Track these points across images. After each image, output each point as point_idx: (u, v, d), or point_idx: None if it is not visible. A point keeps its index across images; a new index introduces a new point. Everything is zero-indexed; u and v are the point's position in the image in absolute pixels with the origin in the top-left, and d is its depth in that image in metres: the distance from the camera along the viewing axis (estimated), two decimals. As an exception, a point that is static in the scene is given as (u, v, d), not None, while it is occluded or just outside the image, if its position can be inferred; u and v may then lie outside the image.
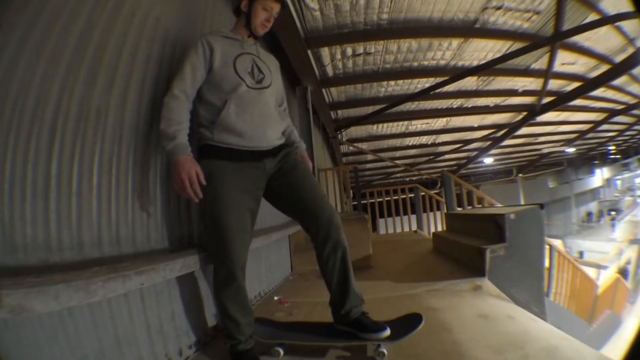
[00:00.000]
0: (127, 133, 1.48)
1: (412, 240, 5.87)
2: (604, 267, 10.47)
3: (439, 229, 6.55)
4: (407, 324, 1.66)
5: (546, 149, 15.22)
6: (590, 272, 6.68)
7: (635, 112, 12.28)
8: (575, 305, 5.37)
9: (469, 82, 7.14)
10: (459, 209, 5.63)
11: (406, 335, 1.59)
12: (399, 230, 7.80)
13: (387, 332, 1.57)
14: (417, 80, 6.78)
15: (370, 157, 11.15)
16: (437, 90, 6.61)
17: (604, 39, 6.56)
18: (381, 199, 8.30)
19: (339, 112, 7.86)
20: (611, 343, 7.44)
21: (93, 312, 1.20)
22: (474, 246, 2.95)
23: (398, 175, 14.49)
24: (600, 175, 24.13)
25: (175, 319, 1.67)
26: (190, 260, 1.57)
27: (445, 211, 6.08)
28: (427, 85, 6.73)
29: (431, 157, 12.52)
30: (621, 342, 7.53)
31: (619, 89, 9.09)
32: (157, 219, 1.64)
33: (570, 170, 22.45)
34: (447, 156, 12.60)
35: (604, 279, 7.71)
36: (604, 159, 24.32)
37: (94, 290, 1.03)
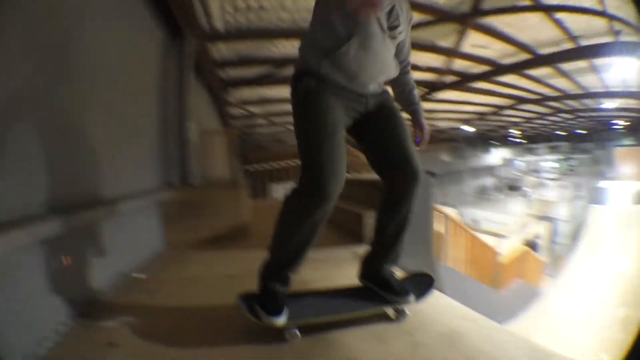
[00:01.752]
0: None
1: None
2: (504, 237, 11.22)
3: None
4: (420, 283, 1.69)
5: (443, 125, 16.04)
6: (489, 240, 7.16)
7: (553, 104, 13.50)
8: (477, 272, 5.81)
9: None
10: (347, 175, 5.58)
11: (424, 296, 1.63)
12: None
13: (412, 296, 1.59)
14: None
15: (263, 121, 10.69)
16: None
17: (533, 29, 6.69)
18: (276, 164, 8.04)
19: (229, 71, 7.21)
20: (530, 313, 7.96)
21: None
22: (355, 212, 2.85)
23: (293, 141, 14.23)
24: (498, 155, 26.74)
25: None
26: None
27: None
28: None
29: None
30: (544, 313, 8.33)
31: (536, 79, 9.60)
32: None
33: (467, 147, 24.30)
34: None
35: (508, 249, 8.39)
36: (504, 141, 27.21)
37: None
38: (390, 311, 1.66)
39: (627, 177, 19.24)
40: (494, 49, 7.55)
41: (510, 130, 22.70)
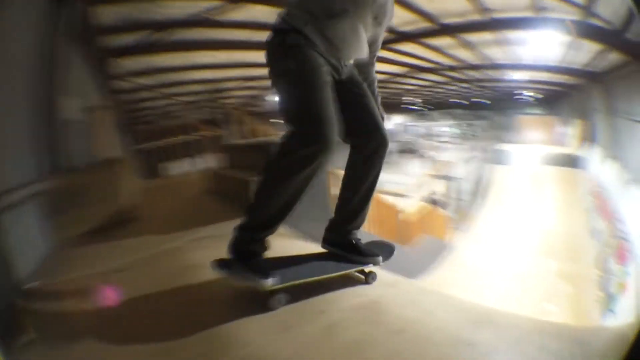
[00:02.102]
0: None
1: (194, 181, 5.32)
2: (404, 196, 11.40)
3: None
4: (382, 248, 1.77)
5: None
6: (389, 199, 7.26)
7: (449, 73, 13.77)
8: (381, 231, 5.99)
9: (261, 13, 6.76)
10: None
11: (389, 258, 1.73)
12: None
13: (380, 258, 1.67)
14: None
15: (151, 94, 9.79)
16: (224, 18, 6.03)
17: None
18: (169, 141, 7.51)
19: (115, 38, 6.43)
20: (444, 266, 7.90)
21: None
22: (242, 179, 2.61)
23: (185, 113, 13.10)
24: (394, 120, 27.54)
25: None
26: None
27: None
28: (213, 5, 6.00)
29: (218, 93, 11.71)
30: (460, 265, 8.54)
31: (435, 48, 9.55)
32: None
33: None
34: (236, 93, 12.06)
35: (410, 206, 8.53)
36: (398, 108, 27.96)
37: None
38: (357, 275, 1.72)
39: (534, 141, 21.29)
40: (395, 16, 7.57)
41: (407, 98, 23.51)
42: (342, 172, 1.77)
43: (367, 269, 1.69)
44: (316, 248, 1.90)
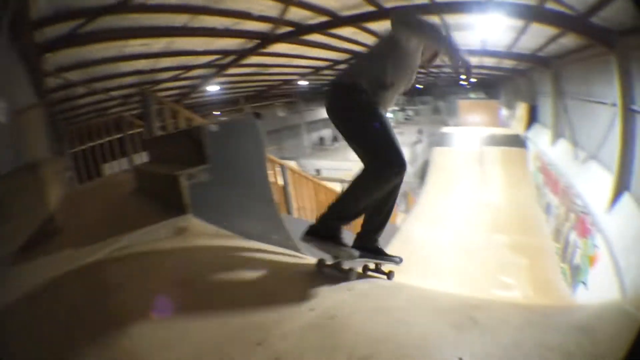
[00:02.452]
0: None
1: (122, 181, 4.49)
2: (348, 182, 11.14)
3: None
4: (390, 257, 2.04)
5: (278, 80, 15.13)
6: (335, 187, 7.06)
7: None
8: None
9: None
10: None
11: (400, 264, 2.03)
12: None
13: (398, 259, 2.06)
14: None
15: (83, 90, 8.91)
16: (158, 2, 5.44)
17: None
18: (103, 140, 6.80)
19: (46, 31, 5.68)
20: (392, 249, 7.97)
21: None
22: (169, 174, 2.26)
23: (118, 109, 11.91)
24: None
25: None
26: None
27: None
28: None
29: (150, 85, 10.68)
30: (404, 247, 8.36)
31: (376, 34, 8.90)
32: None
33: (301, 102, 24.39)
34: (168, 84, 11.13)
35: None
36: None
37: None
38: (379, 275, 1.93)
39: (479, 124, 21.84)
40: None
41: None
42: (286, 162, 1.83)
43: (387, 268, 2.02)
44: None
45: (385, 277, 1.94)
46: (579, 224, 6.77)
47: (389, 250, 2.00)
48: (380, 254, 2.03)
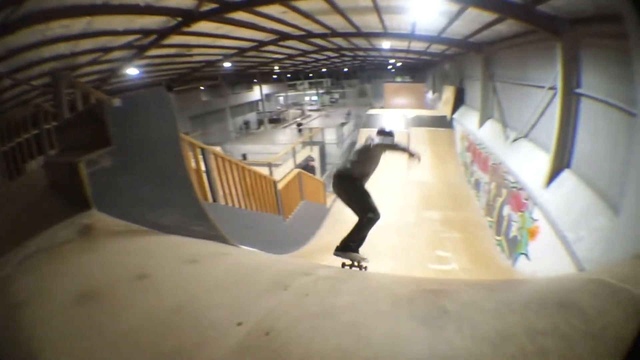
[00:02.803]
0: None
1: (39, 179, 4.09)
2: (277, 165, 10.80)
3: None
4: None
5: (201, 62, 14.63)
6: (264, 170, 6.76)
7: (316, 41, 12.84)
8: (258, 203, 5.48)
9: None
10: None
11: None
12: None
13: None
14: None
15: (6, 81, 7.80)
16: None
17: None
18: (27, 135, 5.92)
19: None
20: (326, 230, 7.99)
21: None
22: (66, 163, 1.89)
23: (40, 100, 10.56)
24: (259, 91, 26.88)
25: None
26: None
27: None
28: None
29: (70, 70, 9.40)
30: (336, 227, 7.99)
31: (309, 16, 8.84)
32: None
33: (226, 85, 23.71)
34: (87, 69, 9.82)
35: (285, 175, 8.07)
36: (265, 78, 27.13)
37: None
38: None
39: (400, 106, 22.44)
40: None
41: (276, 67, 22.71)
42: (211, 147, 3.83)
43: (364, 264, 3.88)
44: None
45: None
46: (512, 199, 7.09)
47: (322, 231, 1.72)
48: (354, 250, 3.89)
